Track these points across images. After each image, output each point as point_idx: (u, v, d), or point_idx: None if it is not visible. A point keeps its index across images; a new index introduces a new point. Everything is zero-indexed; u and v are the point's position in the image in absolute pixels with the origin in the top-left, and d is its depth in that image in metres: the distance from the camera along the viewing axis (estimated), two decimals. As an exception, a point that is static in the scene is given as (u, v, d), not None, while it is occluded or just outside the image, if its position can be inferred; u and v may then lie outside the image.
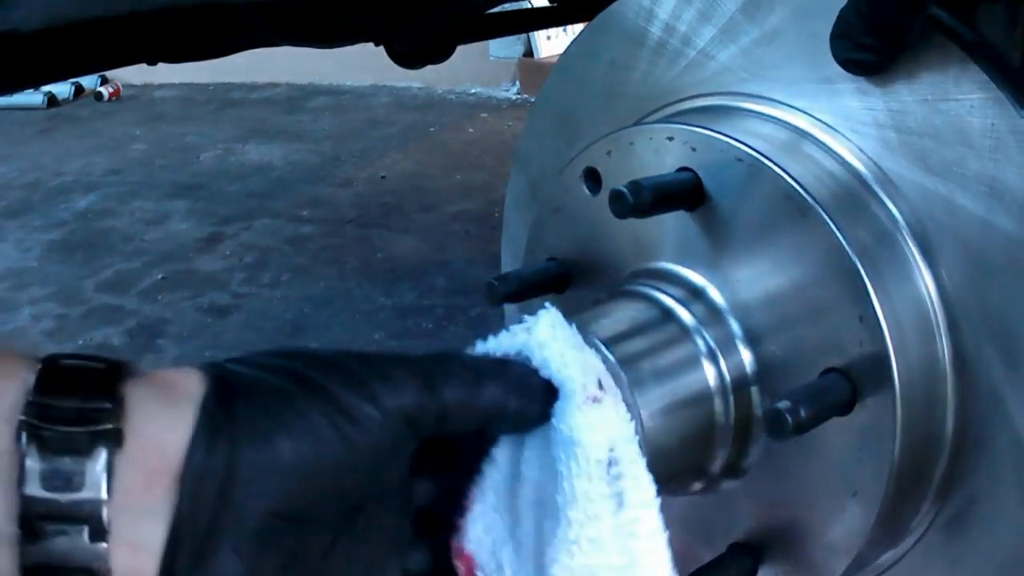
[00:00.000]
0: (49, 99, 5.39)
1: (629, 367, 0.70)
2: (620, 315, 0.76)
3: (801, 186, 0.70)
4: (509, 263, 1.10)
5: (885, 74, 0.72)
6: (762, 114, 0.79)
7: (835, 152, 0.75)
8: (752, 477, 0.77)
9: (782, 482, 0.75)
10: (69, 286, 2.85)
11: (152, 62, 1.53)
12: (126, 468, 0.46)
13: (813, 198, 0.70)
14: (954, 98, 0.69)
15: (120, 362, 0.49)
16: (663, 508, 0.81)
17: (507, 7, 1.89)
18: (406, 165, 3.84)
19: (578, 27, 1.14)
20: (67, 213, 3.55)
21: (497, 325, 0.64)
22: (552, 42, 4.80)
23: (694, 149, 0.76)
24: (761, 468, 0.76)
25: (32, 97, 5.31)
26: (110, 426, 0.46)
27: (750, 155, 0.73)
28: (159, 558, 0.46)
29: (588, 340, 0.62)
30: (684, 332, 0.75)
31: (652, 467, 0.62)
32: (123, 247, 3.15)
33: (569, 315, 0.74)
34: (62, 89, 5.46)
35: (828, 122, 0.75)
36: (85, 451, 0.45)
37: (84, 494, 0.45)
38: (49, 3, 0.79)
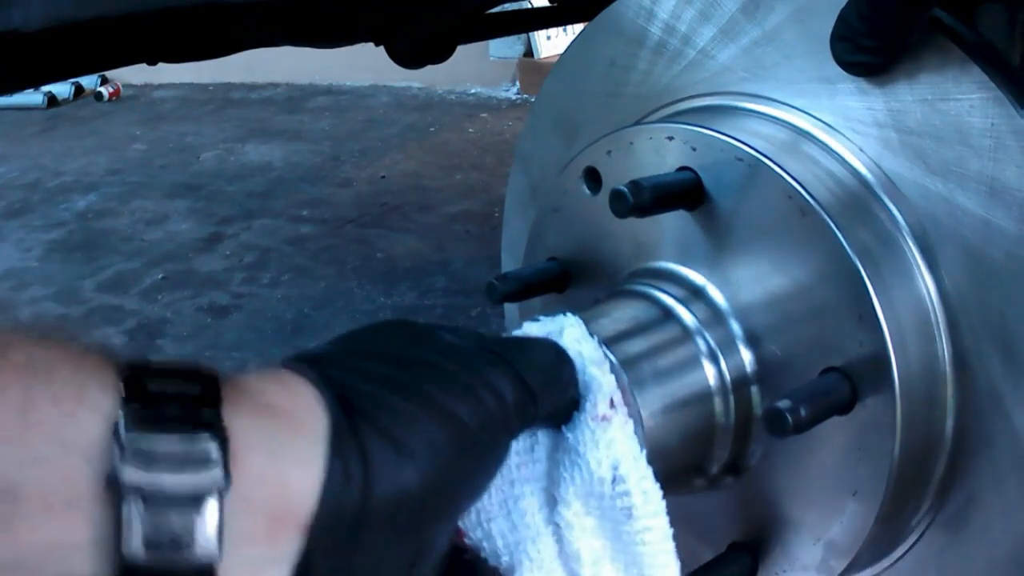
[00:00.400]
0: (49, 99, 5.39)
1: (629, 367, 0.70)
2: (620, 314, 0.76)
3: (801, 186, 0.71)
4: (510, 264, 1.10)
5: (885, 75, 0.72)
6: (762, 114, 0.79)
7: (835, 152, 0.75)
8: (752, 476, 0.77)
9: (782, 481, 0.75)
10: (69, 286, 2.84)
11: (152, 62, 1.53)
12: (242, 515, 0.39)
13: (813, 198, 0.70)
14: (954, 98, 0.69)
15: (214, 377, 0.42)
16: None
17: (507, 7, 1.89)
18: (406, 165, 3.84)
19: (578, 27, 1.14)
20: (67, 213, 3.54)
21: (498, 325, 0.64)
22: (552, 42, 4.80)
23: (694, 149, 0.76)
24: (761, 467, 0.76)
25: (32, 97, 5.31)
26: (219, 472, 0.39)
27: (750, 155, 0.73)
28: None
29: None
30: (684, 332, 0.75)
31: (653, 466, 0.62)
32: (123, 247, 3.15)
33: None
34: (62, 89, 5.46)
35: (828, 122, 0.75)
36: (193, 503, 0.38)
37: (195, 554, 0.38)
38: (49, 3, 0.79)
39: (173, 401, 0.40)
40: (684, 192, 0.75)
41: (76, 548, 0.37)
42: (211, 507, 0.38)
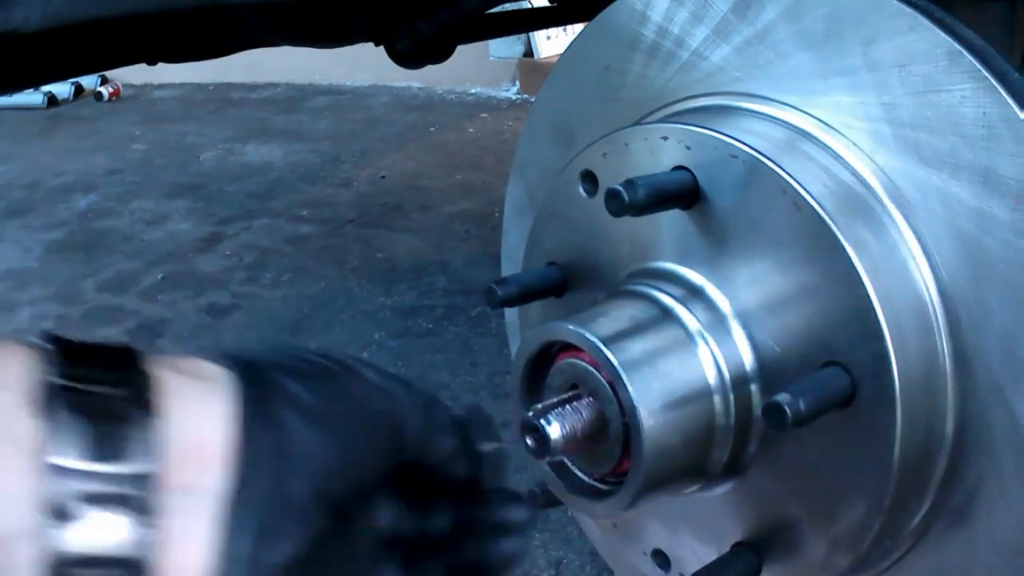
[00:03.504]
0: (49, 99, 5.40)
1: (628, 366, 0.70)
2: (619, 314, 0.76)
3: (796, 181, 0.71)
4: (509, 270, 1.11)
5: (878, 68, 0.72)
6: (756, 112, 0.79)
7: (829, 147, 0.75)
8: (754, 476, 0.77)
9: (784, 480, 0.75)
10: (69, 286, 2.85)
11: (152, 62, 1.54)
12: (166, 444, 0.40)
13: (809, 193, 0.70)
14: (945, 89, 0.69)
15: (130, 345, 0.44)
16: (667, 508, 0.82)
17: (507, 7, 1.90)
18: (406, 165, 3.85)
19: (578, 27, 1.14)
20: (67, 213, 3.55)
21: (498, 324, 0.64)
22: (552, 42, 4.81)
23: (689, 148, 0.76)
24: (763, 466, 0.76)
25: (32, 97, 5.32)
26: (149, 395, 0.41)
27: (745, 152, 0.73)
28: (208, 545, 0.41)
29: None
30: (683, 331, 0.75)
31: (653, 466, 0.62)
32: (123, 247, 3.15)
33: (568, 317, 0.75)
34: (62, 89, 5.46)
35: (822, 118, 0.76)
36: (125, 419, 0.39)
37: (126, 466, 0.39)
38: (50, 3, 0.79)
39: (95, 349, 0.42)
40: (679, 191, 0.75)
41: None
42: (147, 423, 0.40)
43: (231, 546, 0.41)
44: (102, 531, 0.38)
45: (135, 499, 0.39)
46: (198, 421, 0.42)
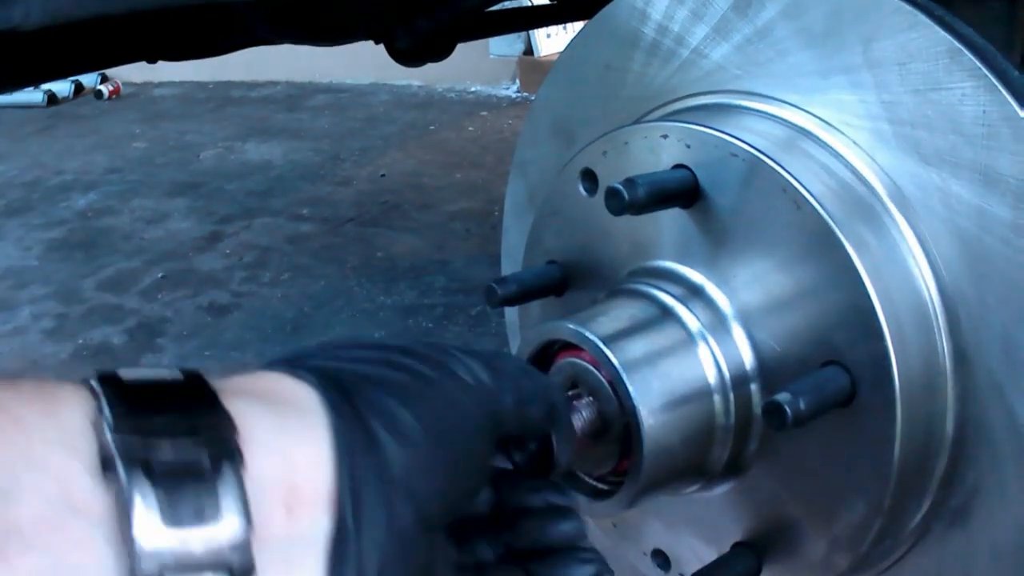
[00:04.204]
0: (49, 97, 5.39)
1: (628, 365, 0.70)
2: (619, 313, 0.76)
3: (797, 180, 0.71)
4: (509, 269, 1.11)
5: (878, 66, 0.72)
6: (756, 110, 0.79)
7: (829, 146, 0.75)
8: (754, 475, 0.77)
9: (784, 480, 0.75)
10: (69, 285, 2.85)
11: (152, 60, 1.53)
12: (259, 492, 0.36)
13: (809, 192, 0.70)
14: (945, 87, 0.69)
15: (193, 371, 0.39)
16: (667, 508, 0.82)
17: (507, 5, 1.90)
18: (406, 163, 3.84)
19: (578, 25, 1.14)
20: (67, 212, 3.55)
21: (498, 323, 0.64)
22: (552, 40, 4.81)
23: (689, 146, 0.76)
24: (763, 466, 0.76)
25: (32, 95, 5.32)
26: (231, 438, 0.36)
27: (745, 150, 0.73)
28: None
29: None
30: (683, 330, 0.75)
31: (653, 465, 0.62)
32: (123, 246, 3.15)
33: (568, 316, 0.75)
34: (62, 87, 5.46)
35: (822, 116, 0.76)
36: (208, 473, 0.34)
37: (219, 528, 0.34)
38: (49, 2, 0.79)
39: (156, 387, 0.37)
40: (679, 189, 0.75)
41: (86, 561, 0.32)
42: (228, 476, 0.35)
43: None
44: None
45: (233, 561, 0.34)
46: (292, 460, 0.38)
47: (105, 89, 5.57)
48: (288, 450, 0.38)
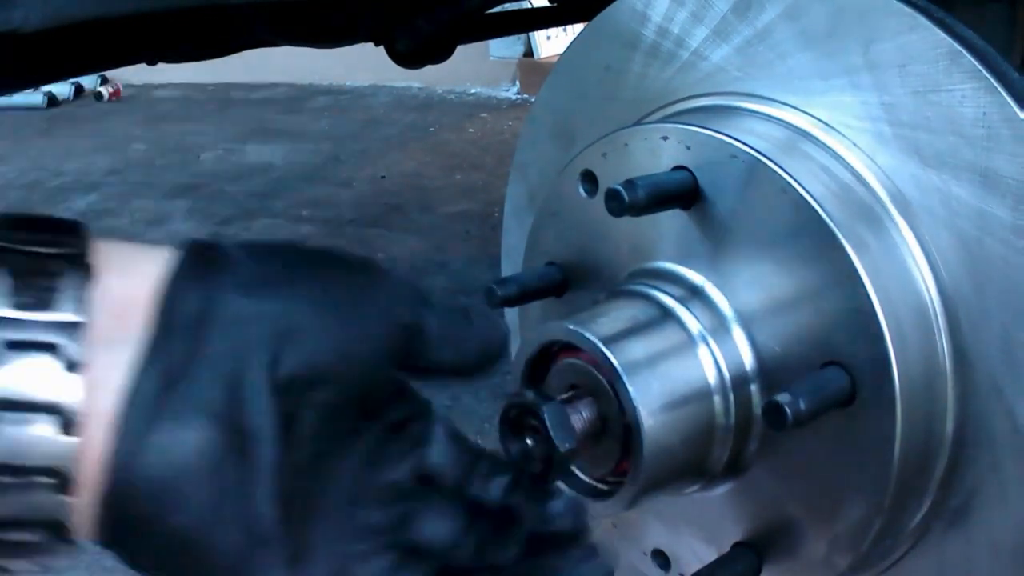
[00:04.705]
0: (49, 99, 5.39)
1: (628, 366, 0.70)
2: (619, 314, 0.76)
3: (797, 182, 0.71)
4: (509, 270, 1.11)
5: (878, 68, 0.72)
6: (757, 112, 0.79)
7: (830, 147, 0.75)
8: (754, 476, 0.77)
9: (784, 480, 0.75)
10: (69, 286, 2.84)
11: (152, 62, 1.54)
12: (98, 298, 0.42)
13: (809, 193, 0.70)
14: (945, 89, 0.69)
15: (79, 220, 0.46)
16: (667, 508, 0.82)
17: (507, 7, 1.90)
18: (406, 165, 3.84)
19: (578, 27, 1.14)
20: (67, 213, 3.54)
21: (496, 324, 0.63)
22: (552, 42, 4.81)
23: (689, 148, 0.76)
24: (763, 466, 0.76)
25: (32, 97, 5.32)
26: (85, 255, 0.43)
27: (745, 152, 0.73)
28: (120, 394, 0.41)
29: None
30: (683, 331, 0.75)
31: (653, 465, 0.62)
32: (123, 247, 3.15)
33: (568, 317, 0.75)
34: (62, 89, 5.46)
35: (822, 118, 0.76)
36: (60, 273, 0.41)
37: (60, 316, 0.40)
38: (50, 3, 0.79)
39: (43, 219, 0.44)
40: (679, 190, 0.75)
41: None
42: (74, 278, 0.42)
43: (134, 395, 0.42)
44: (28, 376, 0.39)
45: (62, 348, 0.40)
46: (127, 279, 0.44)
47: (105, 91, 5.58)
48: (127, 272, 0.44)
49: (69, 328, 0.40)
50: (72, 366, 0.40)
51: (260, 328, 0.44)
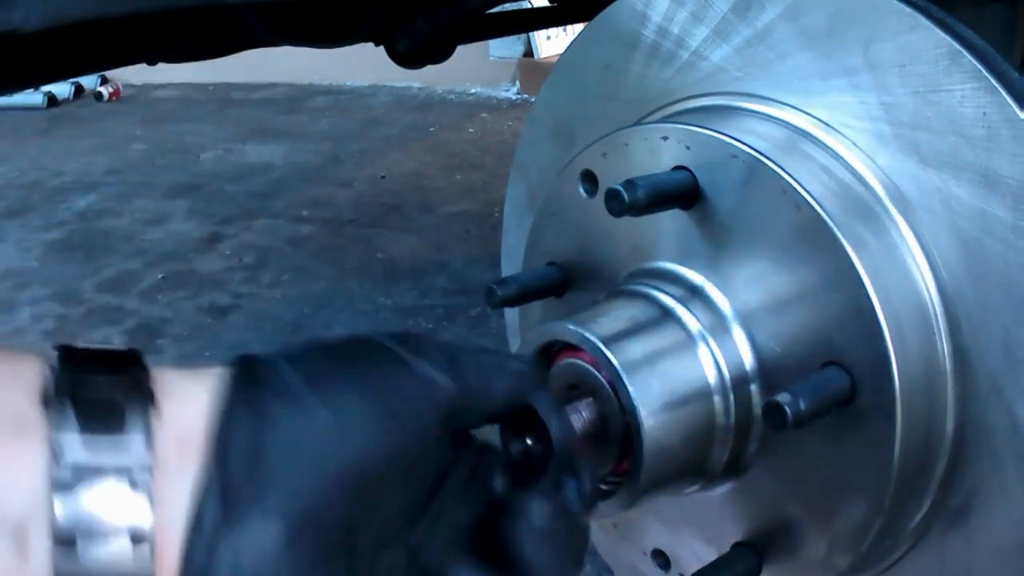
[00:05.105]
0: (49, 99, 5.39)
1: (628, 365, 0.70)
2: (619, 314, 0.76)
3: (797, 182, 0.71)
4: (509, 271, 1.11)
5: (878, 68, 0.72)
6: (756, 112, 0.80)
7: (829, 147, 0.75)
8: (754, 476, 0.77)
9: (784, 480, 0.75)
10: (69, 286, 2.84)
11: (152, 62, 1.54)
12: (160, 428, 0.45)
13: (809, 193, 0.70)
14: (945, 89, 0.69)
15: (134, 349, 0.48)
16: (667, 508, 0.81)
17: (507, 7, 1.90)
18: (406, 165, 3.84)
19: (578, 27, 1.14)
20: (67, 213, 3.54)
21: (498, 324, 0.64)
22: (552, 42, 4.81)
23: (688, 148, 0.76)
24: (763, 466, 0.76)
25: (32, 97, 5.32)
26: (147, 386, 0.45)
27: (744, 152, 0.73)
28: (185, 521, 0.44)
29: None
30: (683, 331, 0.75)
31: (653, 466, 0.62)
32: (123, 247, 3.15)
33: (568, 317, 0.75)
34: (62, 89, 5.46)
35: (822, 118, 0.76)
36: (125, 404, 0.44)
37: (124, 445, 0.43)
38: (49, 3, 0.79)
39: (99, 353, 0.47)
40: (679, 190, 0.76)
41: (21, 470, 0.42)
42: (137, 409, 0.44)
43: (197, 522, 0.44)
44: (105, 503, 0.42)
45: (132, 474, 0.43)
46: (185, 408, 0.46)
47: (105, 91, 5.57)
48: (185, 402, 0.46)
49: (138, 455, 0.43)
50: (141, 492, 0.43)
51: (311, 441, 0.47)
